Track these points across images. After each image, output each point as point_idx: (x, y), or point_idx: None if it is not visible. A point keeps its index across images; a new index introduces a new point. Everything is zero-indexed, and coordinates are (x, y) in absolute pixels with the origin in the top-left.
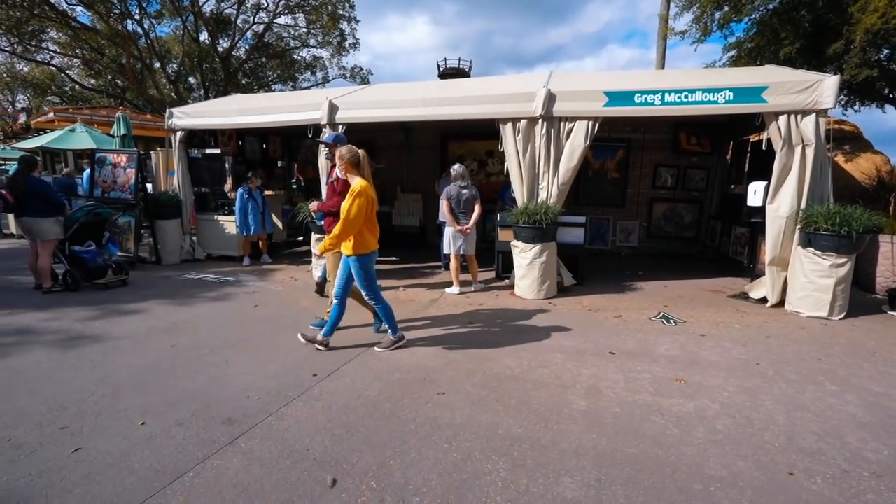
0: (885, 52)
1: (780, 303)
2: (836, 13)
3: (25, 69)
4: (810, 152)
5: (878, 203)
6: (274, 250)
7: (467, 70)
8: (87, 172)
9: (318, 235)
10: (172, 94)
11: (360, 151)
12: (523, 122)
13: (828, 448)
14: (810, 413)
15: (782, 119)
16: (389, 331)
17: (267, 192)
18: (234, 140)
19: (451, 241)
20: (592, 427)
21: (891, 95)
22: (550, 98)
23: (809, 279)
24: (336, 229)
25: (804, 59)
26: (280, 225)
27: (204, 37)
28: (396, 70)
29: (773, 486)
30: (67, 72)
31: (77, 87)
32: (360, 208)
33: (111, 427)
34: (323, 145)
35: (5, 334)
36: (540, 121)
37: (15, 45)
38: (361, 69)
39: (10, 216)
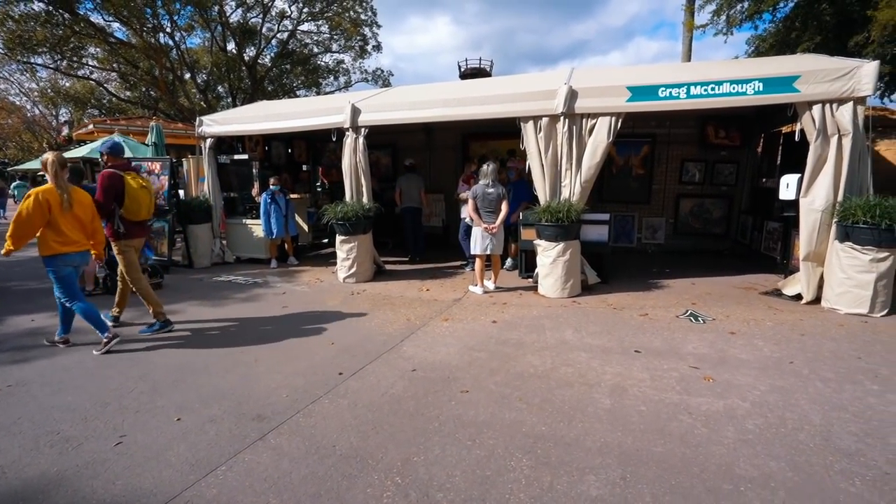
0: None
1: (816, 300)
2: (859, 3)
3: (67, 84)
4: (847, 142)
5: None
6: (300, 252)
7: (488, 70)
8: None
9: (343, 237)
10: (202, 103)
11: (49, 157)
12: (545, 119)
13: (868, 449)
14: (849, 413)
15: (816, 109)
16: (98, 332)
17: (293, 196)
18: (261, 145)
19: (479, 241)
20: (617, 425)
21: None
22: (572, 95)
23: (847, 275)
24: (9, 229)
25: (825, 53)
26: (305, 227)
27: (231, 46)
28: (418, 71)
29: (808, 487)
30: (105, 85)
31: (114, 99)
32: (29, 210)
33: (149, 422)
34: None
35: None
36: (562, 118)
37: (58, 62)
38: (383, 72)
39: None
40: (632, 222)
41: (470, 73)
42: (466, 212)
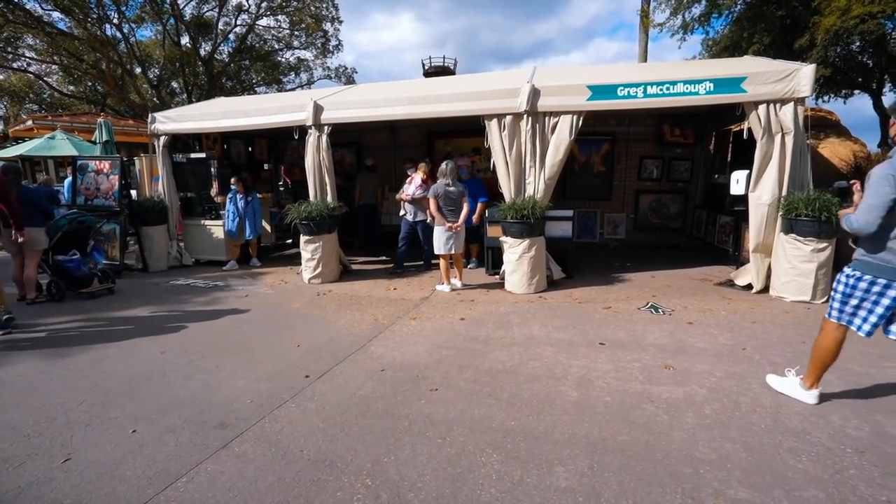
0: (851, 46)
1: (765, 289)
2: (804, 6)
3: (1, 77)
4: (790, 140)
5: None
6: (263, 253)
7: (452, 68)
8: (68, 180)
9: (308, 237)
10: (155, 99)
11: None
12: (508, 118)
13: (812, 427)
14: None
15: (762, 108)
16: None
17: (259, 196)
18: (219, 144)
19: (441, 241)
20: (584, 417)
21: (872, 85)
22: (534, 93)
23: (792, 264)
24: None
25: (774, 55)
26: (268, 228)
27: (185, 40)
28: (382, 68)
29: (761, 465)
30: (46, 79)
31: (56, 94)
32: None
33: (101, 436)
34: None
35: None
36: (525, 116)
37: None
38: (346, 69)
39: None
40: (594, 218)
41: (434, 72)
42: (411, 211)
